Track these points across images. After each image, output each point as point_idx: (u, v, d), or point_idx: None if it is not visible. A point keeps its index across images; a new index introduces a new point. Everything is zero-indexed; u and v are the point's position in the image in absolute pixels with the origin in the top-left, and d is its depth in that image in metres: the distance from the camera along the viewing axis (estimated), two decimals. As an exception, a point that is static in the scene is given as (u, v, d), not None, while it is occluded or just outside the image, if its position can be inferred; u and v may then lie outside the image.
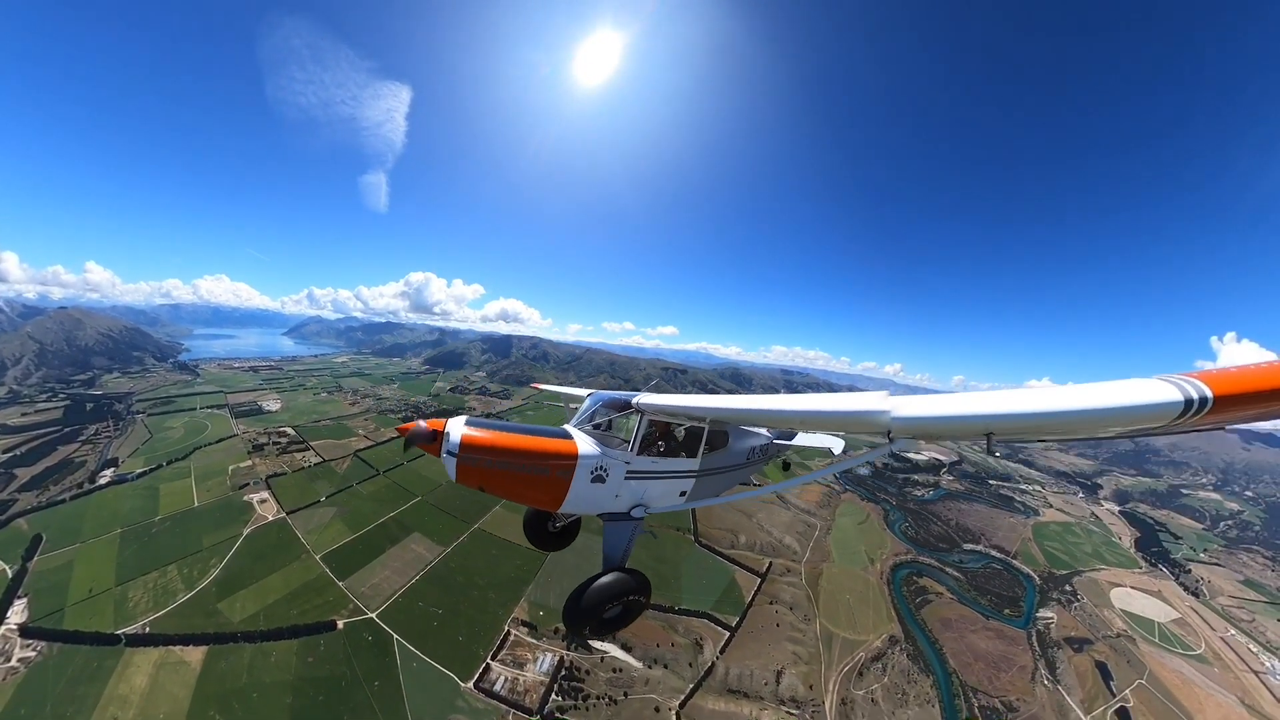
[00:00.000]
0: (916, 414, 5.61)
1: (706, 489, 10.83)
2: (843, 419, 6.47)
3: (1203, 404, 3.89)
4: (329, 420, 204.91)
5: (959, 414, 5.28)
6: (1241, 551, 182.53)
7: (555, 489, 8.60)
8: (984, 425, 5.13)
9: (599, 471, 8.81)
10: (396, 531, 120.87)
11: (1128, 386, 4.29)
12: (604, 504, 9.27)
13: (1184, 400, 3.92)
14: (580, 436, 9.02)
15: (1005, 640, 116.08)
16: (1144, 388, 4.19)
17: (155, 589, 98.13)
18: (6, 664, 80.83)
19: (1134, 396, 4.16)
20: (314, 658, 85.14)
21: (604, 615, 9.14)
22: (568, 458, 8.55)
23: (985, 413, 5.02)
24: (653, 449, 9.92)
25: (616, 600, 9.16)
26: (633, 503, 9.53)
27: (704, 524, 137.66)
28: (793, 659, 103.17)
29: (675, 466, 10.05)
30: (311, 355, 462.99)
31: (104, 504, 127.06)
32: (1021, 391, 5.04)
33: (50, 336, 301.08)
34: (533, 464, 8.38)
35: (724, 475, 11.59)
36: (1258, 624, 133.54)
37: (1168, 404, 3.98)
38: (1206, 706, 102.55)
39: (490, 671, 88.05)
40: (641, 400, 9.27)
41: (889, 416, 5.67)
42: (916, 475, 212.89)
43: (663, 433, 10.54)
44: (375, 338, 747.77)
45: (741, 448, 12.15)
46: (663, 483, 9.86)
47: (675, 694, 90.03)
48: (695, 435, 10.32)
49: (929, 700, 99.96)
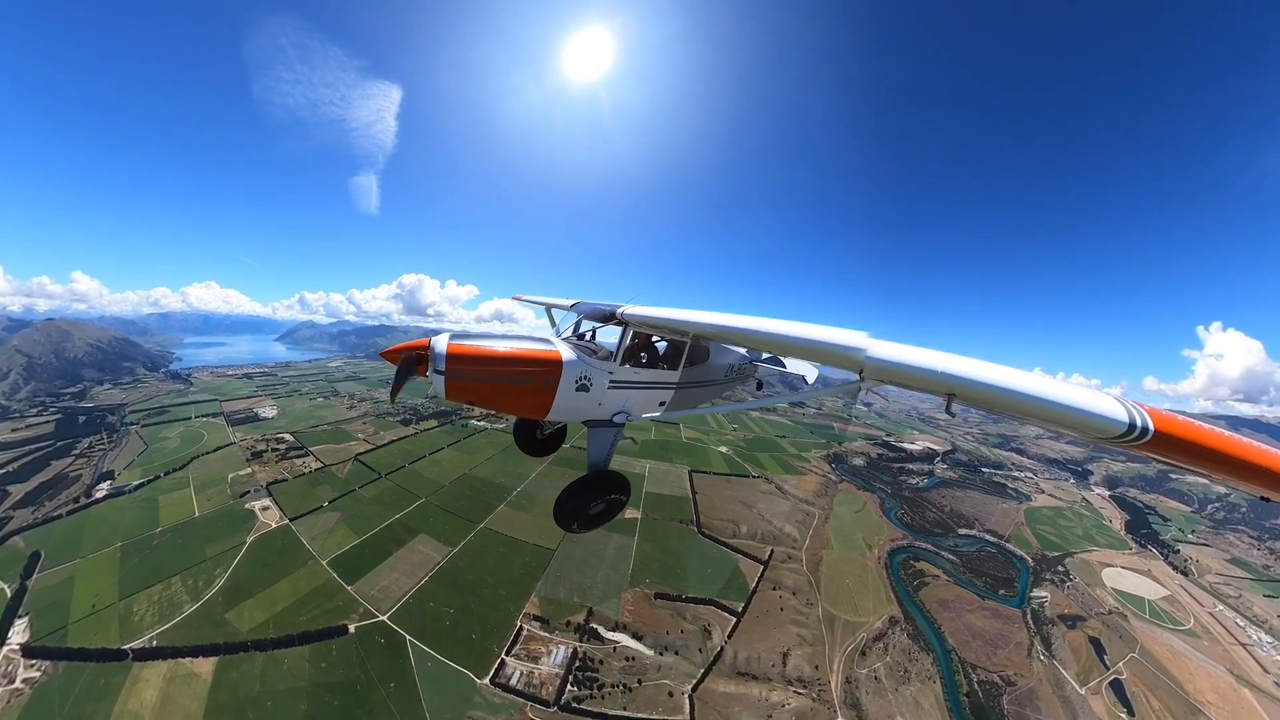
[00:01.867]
0: (889, 357, 5.75)
1: (685, 401, 11.06)
2: (822, 349, 6.60)
3: (1143, 433, 4.21)
4: (327, 425, 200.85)
5: (927, 367, 5.41)
6: (1228, 532, 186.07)
7: (542, 398, 8.57)
8: (947, 384, 5.27)
9: (583, 380, 8.81)
10: (402, 534, 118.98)
11: (1084, 393, 4.61)
12: (588, 411, 9.33)
13: (1127, 423, 4.25)
14: (564, 346, 8.91)
15: (1001, 619, 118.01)
16: (1097, 399, 4.53)
17: (160, 602, 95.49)
18: (11, 686, 78.10)
19: (1085, 403, 4.48)
20: (327, 663, 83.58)
21: (590, 512, 9.96)
22: (553, 366, 8.49)
23: (951, 372, 5.19)
24: (635, 360, 10.06)
25: (600, 498, 9.93)
26: (614, 410, 9.60)
27: (706, 515, 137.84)
28: (798, 641, 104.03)
29: (656, 378, 10.20)
30: (305, 360, 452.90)
31: (102, 518, 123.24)
32: (988, 364, 5.19)
33: (38, 349, 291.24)
34: (520, 374, 8.32)
35: (702, 389, 11.89)
36: (1244, 599, 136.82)
37: (1112, 420, 4.30)
38: (1197, 677, 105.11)
39: (505, 667, 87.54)
40: (626, 311, 9.29)
41: (863, 354, 5.87)
42: (911, 464, 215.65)
43: (645, 344, 10.66)
44: (369, 341, 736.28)
45: (721, 364, 12.45)
46: (644, 393, 9.99)
47: (687, 679, 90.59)
48: (677, 349, 10.50)
49: (930, 677, 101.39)
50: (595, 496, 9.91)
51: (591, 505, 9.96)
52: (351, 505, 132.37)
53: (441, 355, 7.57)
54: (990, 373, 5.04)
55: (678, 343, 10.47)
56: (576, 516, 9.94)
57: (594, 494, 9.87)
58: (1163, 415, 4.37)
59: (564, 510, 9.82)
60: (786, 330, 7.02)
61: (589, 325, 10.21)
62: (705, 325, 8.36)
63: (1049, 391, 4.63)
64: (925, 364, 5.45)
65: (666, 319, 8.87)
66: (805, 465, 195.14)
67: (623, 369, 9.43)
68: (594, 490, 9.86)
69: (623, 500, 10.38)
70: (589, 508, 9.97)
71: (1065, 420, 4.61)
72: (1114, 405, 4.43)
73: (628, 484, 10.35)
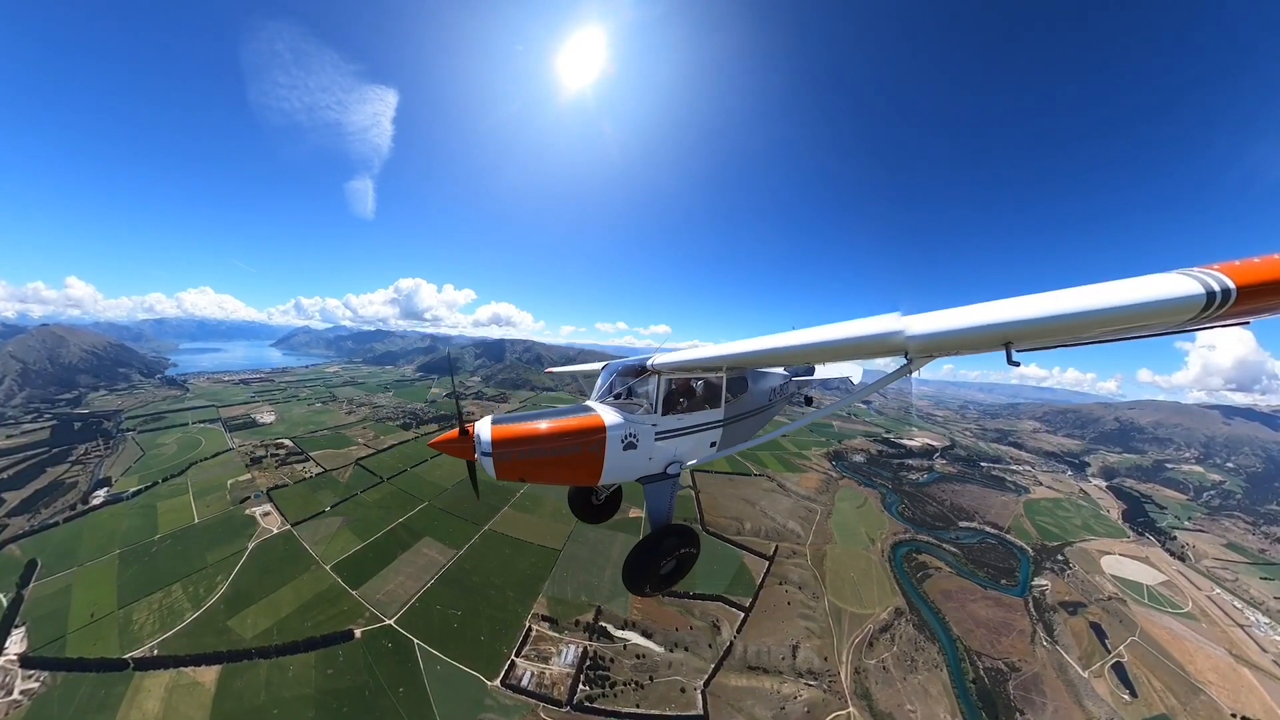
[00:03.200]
0: (932, 329, 5.22)
1: (736, 435, 10.70)
2: (857, 344, 6.13)
3: (1226, 296, 3.66)
4: (326, 430, 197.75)
5: (975, 324, 4.86)
6: (1224, 518, 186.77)
7: (591, 464, 8.46)
8: (1002, 334, 4.74)
9: (629, 439, 8.67)
10: (406, 537, 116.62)
11: (1147, 282, 4.03)
12: (640, 468, 9.17)
13: (1205, 293, 3.70)
14: (603, 409, 8.87)
15: (1004, 608, 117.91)
16: (1163, 282, 3.96)
17: (161, 610, 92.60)
18: (8, 698, 75.08)
19: (1153, 291, 3.91)
20: (334, 669, 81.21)
21: (661, 572, 9.49)
22: (596, 432, 8.40)
23: (1003, 319, 4.64)
24: (676, 407, 9.75)
25: (669, 556, 9.49)
26: (667, 462, 9.40)
27: (710, 513, 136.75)
28: (806, 634, 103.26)
29: (701, 419, 9.90)
30: (302, 366, 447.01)
31: (100, 525, 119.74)
32: (1038, 296, 4.62)
33: (33, 355, 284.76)
34: (564, 445, 8.25)
35: (750, 419, 11.50)
36: (1241, 583, 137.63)
37: (1189, 297, 3.75)
38: (1197, 658, 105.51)
39: (516, 668, 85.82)
40: (656, 361, 9.12)
41: (904, 336, 5.39)
42: (910, 460, 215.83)
43: (683, 389, 10.33)
44: (366, 346, 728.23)
45: (762, 389, 12.10)
46: (692, 438, 9.72)
47: (698, 674, 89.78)
48: (714, 386, 10.22)
49: (937, 665, 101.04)
50: (666, 554, 9.49)
51: (663, 564, 9.51)
52: (354, 510, 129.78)
53: (487, 440, 7.65)
54: (1045, 304, 4.47)
55: (713, 380, 10.15)
56: (649, 579, 9.43)
57: (664, 552, 9.47)
58: (1237, 267, 3.72)
59: (635, 573, 9.31)
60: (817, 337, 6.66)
61: (623, 383, 9.69)
62: (735, 355, 8.04)
63: (1112, 298, 4.07)
64: (974, 321, 4.87)
65: (695, 360, 8.63)
66: (806, 463, 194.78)
67: (666, 419, 9.22)
68: (663, 548, 9.47)
69: (694, 554, 9.91)
70: (660, 567, 9.51)
71: (1140, 319, 4.05)
72: (1183, 281, 3.83)
73: (696, 536, 9.94)
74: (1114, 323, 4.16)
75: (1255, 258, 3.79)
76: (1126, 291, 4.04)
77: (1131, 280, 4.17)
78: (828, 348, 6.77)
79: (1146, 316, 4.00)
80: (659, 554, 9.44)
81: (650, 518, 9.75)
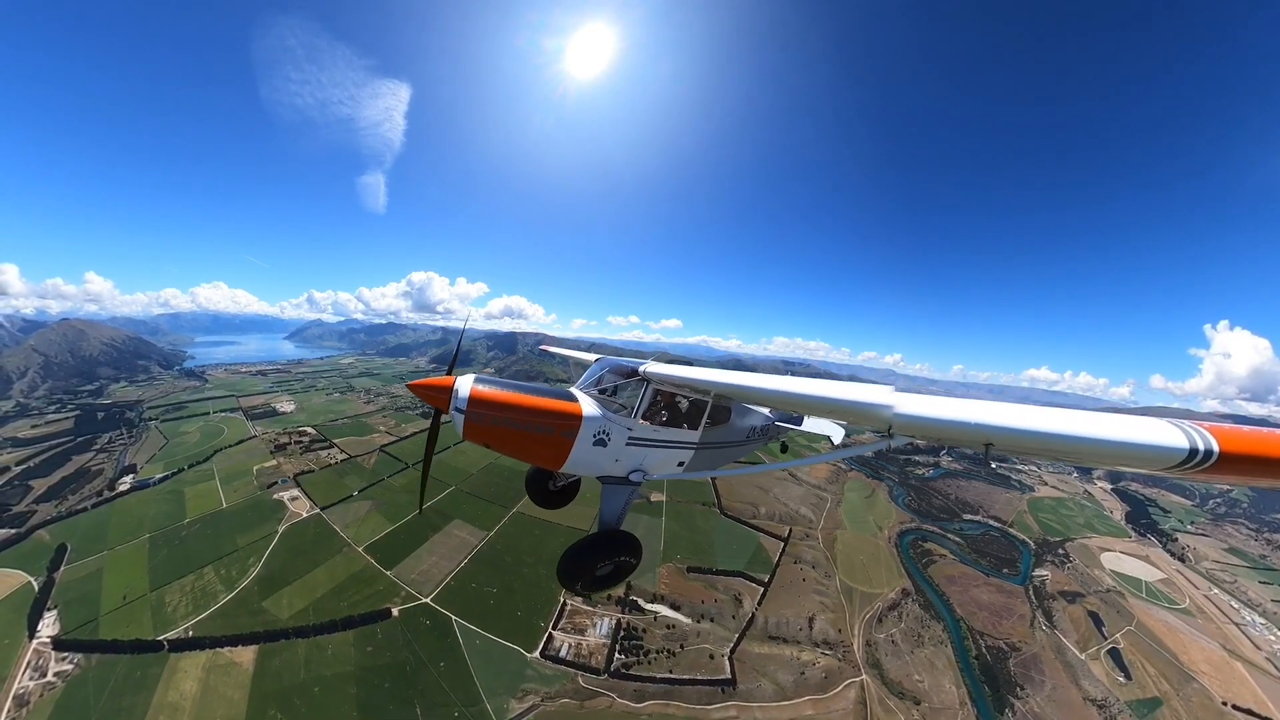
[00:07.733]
0: (919, 413, 5.07)
1: (704, 461, 9.95)
2: (846, 408, 5.85)
3: (1207, 457, 3.56)
4: (347, 419, 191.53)
5: (961, 420, 4.75)
6: (1228, 524, 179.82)
7: (559, 449, 7.78)
8: (984, 435, 4.64)
9: (601, 435, 8.05)
10: (436, 520, 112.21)
11: (1135, 424, 3.92)
12: (604, 467, 8.46)
13: (1189, 449, 3.60)
14: (585, 399, 8.17)
15: (1005, 594, 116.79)
16: (1151, 427, 3.85)
17: (194, 592, 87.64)
18: (43, 679, 70.17)
19: (1140, 435, 3.80)
20: (373, 647, 77.19)
21: (596, 573, 8.75)
22: (573, 418, 7.75)
23: (987, 423, 4.52)
24: (656, 417, 9.11)
25: (609, 559, 8.76)
26: (631, 468, 8.67)
27: (727, 498, 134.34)
28: (820, 608, 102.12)
29: (676, 437, 9.19)
30: (316, 358, 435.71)
31: (128, 510, 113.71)
32: (1027, 408, 4.54)
33: (54, 349, 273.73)
34: (538, 423, 7.58)
35: (722, 450, 10.65)
36: (1239, 584, 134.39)
37: (1172, 449, 3.64)
38: (1191, 650, 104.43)
39: (554, 640, 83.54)
40: (649, 369, 8.58)
41: (892, 412, 5.24)
42: (917, 456, 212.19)
43: (667, 402, 9.57)
44: (378, 339, 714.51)
45: (742, 425, 11.24)
46: (663, 451, 9.01)
47: (724, 642, 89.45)
48: (698, 408, 9.48)
49: (941, 641, 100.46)
50: (603, 557, 8.67)
51: (599, 566, 8.70)
52: (381, 494, 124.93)
53: (465, 397, 6.99)
54: (1028, 418, 4.33)
55: (699, 401, 9.41)
56: (581, 577, 8.63)
57: (602, 555, 8.65)
58: (1226, 432, 3.61)
59: (569, 571, 8.55)
60: (810, 390, 6.43)
61: (611, 380, 8.85)
62: (727, 386, 7.66)
63: (1095, 429, 3.92)
64: (959, 416, 4.76)
65: (688, 379, 8.24)
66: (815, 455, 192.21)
67: (642, 426, 8.57)
68: (602, 551, 8.64)
69: (633, 563, 9.08)
70: (596, 569, 8.69)
71: (1118, 457, 3.94)
72: (1170, 432, 3.70)
73: (639, 545, 9.14)
74: (1095, 454, 4.00)
75: (1245, 427, 3.66)
76: (1114, 427, 3.87)
77: (1122, 417, 4.03)
78: (817, 403, 6.58)
79: (1127, 456, 3.88)
80: (598, 555, 8.62)
81: (601, 518, 8.95)
